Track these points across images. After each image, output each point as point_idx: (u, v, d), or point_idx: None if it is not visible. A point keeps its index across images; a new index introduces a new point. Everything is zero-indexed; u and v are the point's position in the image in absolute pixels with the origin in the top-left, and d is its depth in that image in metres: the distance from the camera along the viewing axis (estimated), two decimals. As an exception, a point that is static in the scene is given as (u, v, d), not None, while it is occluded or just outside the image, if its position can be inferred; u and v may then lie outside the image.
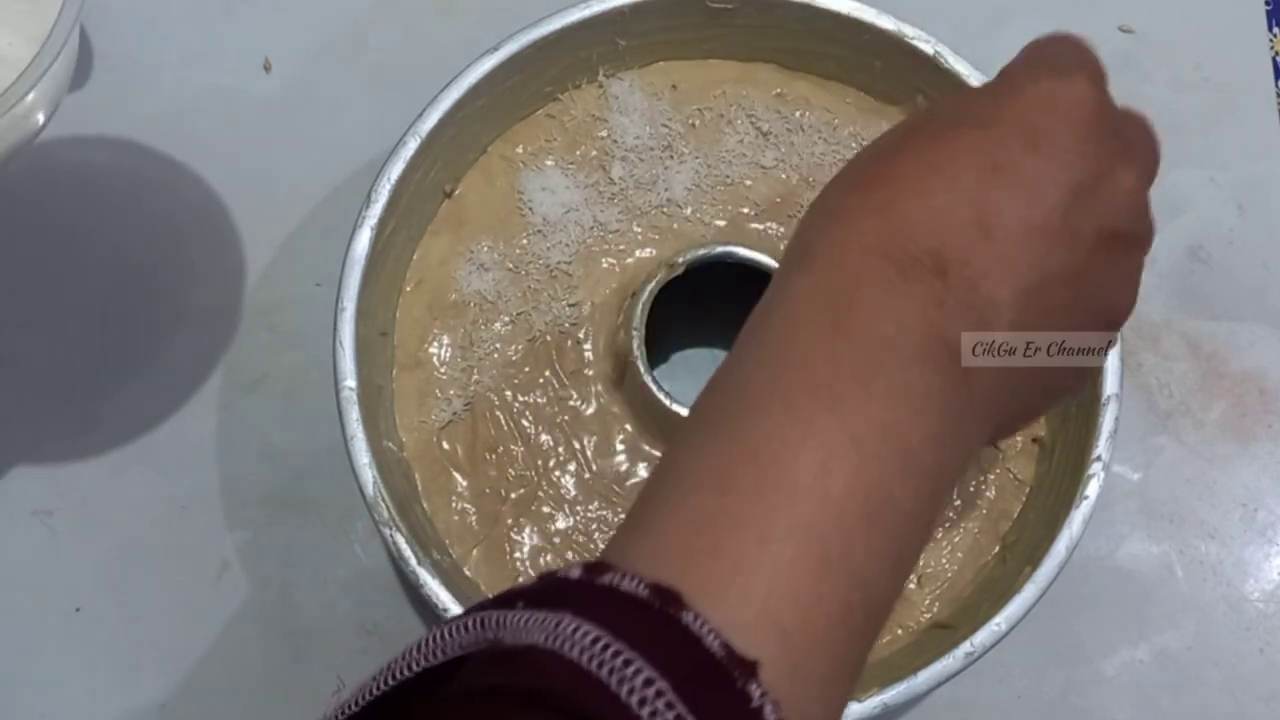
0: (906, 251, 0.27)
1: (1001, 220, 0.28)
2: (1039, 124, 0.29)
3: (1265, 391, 0.54)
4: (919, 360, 0.26)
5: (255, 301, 0.53)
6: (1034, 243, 0.28)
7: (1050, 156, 0.29)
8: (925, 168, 0.28)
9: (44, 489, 0.50)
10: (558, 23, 0.47)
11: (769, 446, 0.25)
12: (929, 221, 0.27)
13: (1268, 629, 0.51)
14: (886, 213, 0.28)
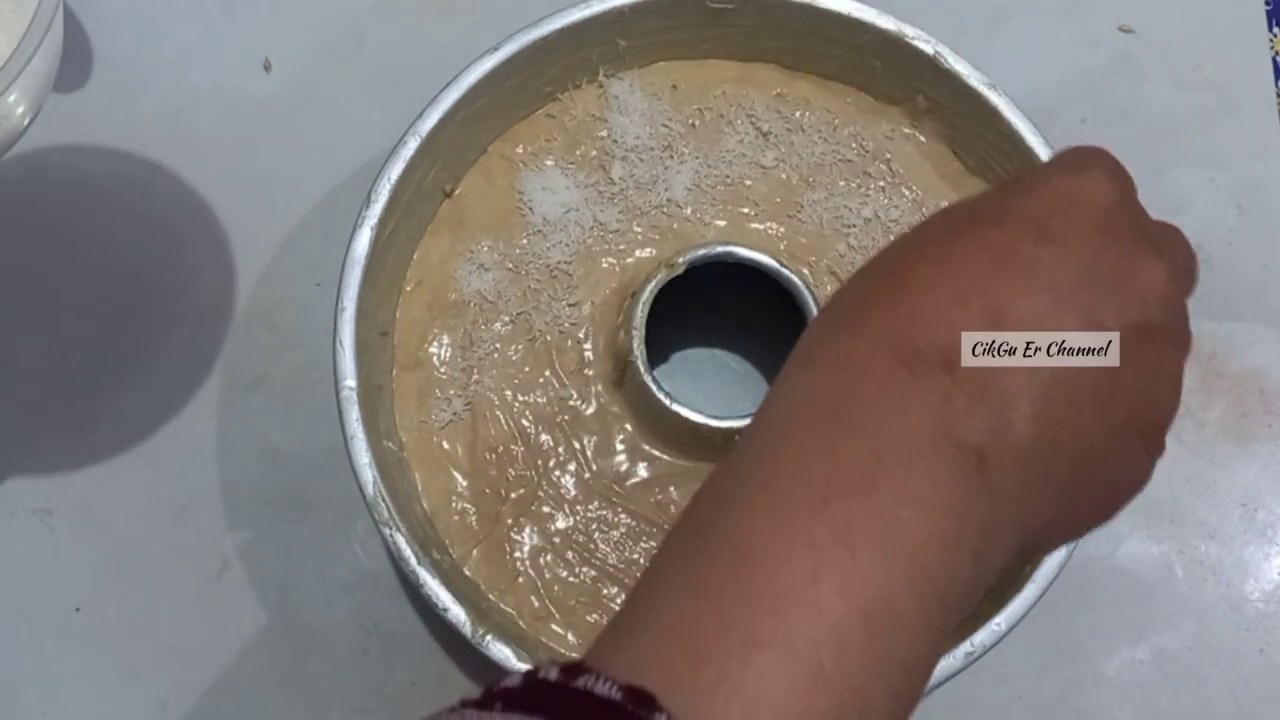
0: (912, 346, 0.26)
1: (1014, 311, 0.26)
2: (1053, 218, 0.28)
3: (1265, 391, 0.54)
4: (924, 457, 0.25)
5: (255, 301, 0.53)
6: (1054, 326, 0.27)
7: (1065, 248, 0.27)
8: (933, 264, 0.27)
9: (44, 489, 0.50)
10: (558, 23, 0.47)
11: (755, 548, 0.24)
12: (936, 316, 0.26)
13: (1268, 629, 0.51)
14: (893, 309, 0.27)
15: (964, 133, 0.49)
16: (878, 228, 0.49)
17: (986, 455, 0.25)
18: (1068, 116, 0.57)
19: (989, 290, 0.27)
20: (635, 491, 0.45)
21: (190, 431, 0.51)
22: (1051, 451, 0.27)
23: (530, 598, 0.44)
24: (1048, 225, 0.28)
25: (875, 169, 0.49)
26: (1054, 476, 0.27)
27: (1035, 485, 0.26)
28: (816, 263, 0.48)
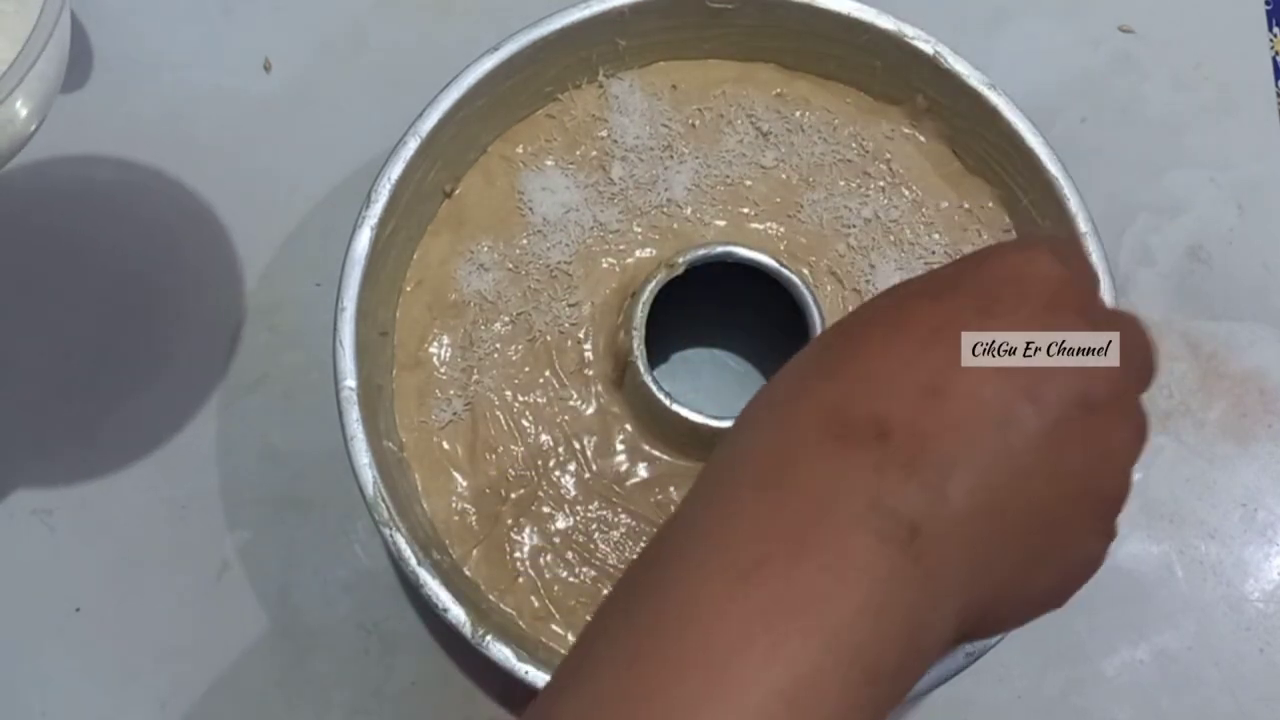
0: (847, 416, 0.26)
1: (953, 380, 0.26)
2: (996, 293, 0.28)
3: (1265, 391, 0.54)
4: (854, 529, 0.24)
5: (255, 301, 0.53)
6: (990, 403, 0.26)
7: (1005, 323, 0.27)
8: (875, 336, 0.28)
9: (44, 489, 0.50)
10: (558, 23, 0.47)
11: (680, 620, 0.24)
12: (873, 386, 0.26)
13: (1268, 629, 0.51)
14: (831, 379, 0.27)
15: (964, 133, 0.49)
16: (878, 228, 0.49)
17: (920, 528, 0.25)
18: (1068, 116, 0.57)
19: (926, 363, 0.26)
20: (635, 491, 0.45)
21: (190, 431, 0.51)
22: (992, 526, 0.26)
23: (530, 598, 0.44)
24: (991, 301, 0.28)
25: (875, 169, 0.49)
26: (996, 552, 0.26)
27: (974, 560, 0.26)
28: (816, 263, 0.48)
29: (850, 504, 0.25)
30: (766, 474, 0.26)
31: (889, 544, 0.24)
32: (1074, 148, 0.48)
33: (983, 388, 0.26)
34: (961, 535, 0.25)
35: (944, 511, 0.25)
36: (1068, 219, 0.46)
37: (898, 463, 0.25)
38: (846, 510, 0.25)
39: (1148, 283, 0.55)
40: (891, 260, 0.48)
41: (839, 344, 0.28)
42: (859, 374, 0.27)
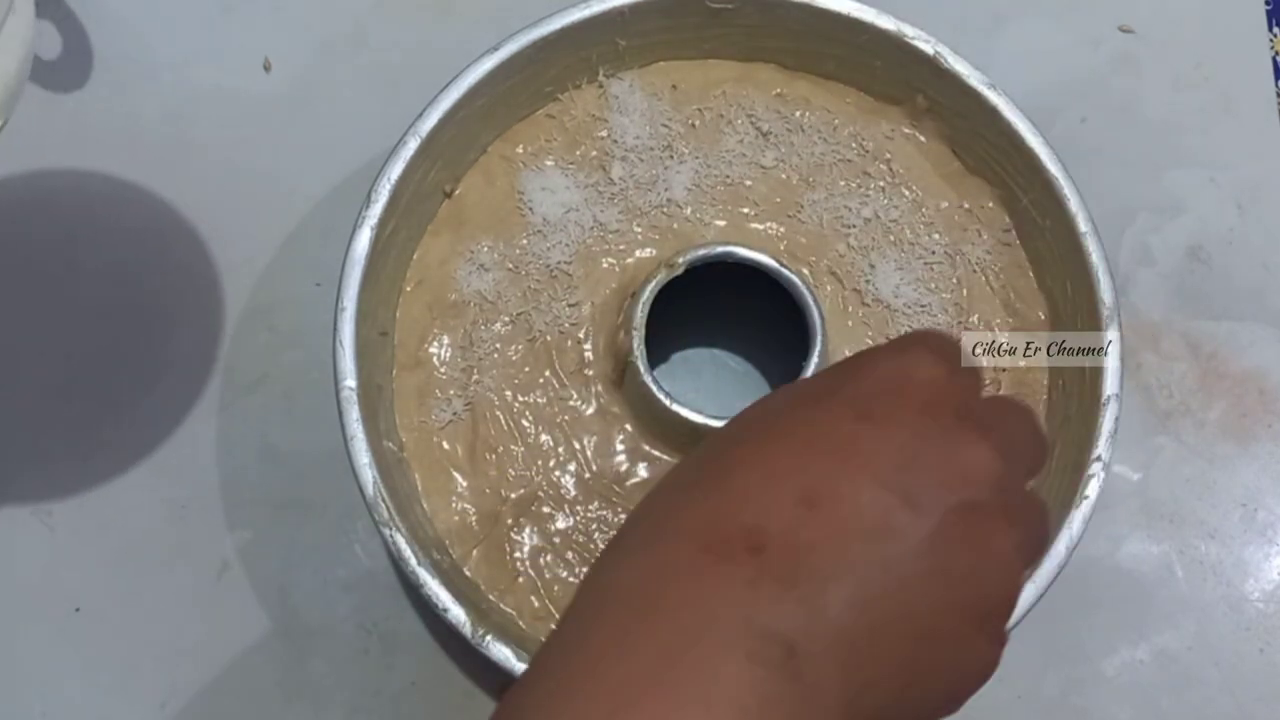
0: (720, 532, 0.25)
1: (829, 489, 0.26)
2: (873, 398, 0.27)
3: (1265, 391, 0.54)
4: (725, 652, 0.23)
5: (255, 301, 0.53)
6: (867, 512, 0.26)
7: (883, 427, 0.27)
8: (751, 446, 0.27)
9: (44, 489, 0.50)
10: (558, 23, 0.47)
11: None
12: (747, 499, 0.26)
13: (1268, 629, 0.51)
14: (705, 495, 0.26)
15: (964, 133, 0.49)
16: (878, 228, 0.49)
17: (796, 645, 0.24)
18: (1068, 116, 0.57)
19: (803, 471, 0.26)
20: (635, 491, 0.45)
21: (190, 431, 0.51)
22: (874, 638, 0.25)
23: (530, 598, 0.44)
24: (868, 406, 0.27)
25: (875, 169, 0.49)
26: (879, 664, 0.26)
27: (856, 674, 0.25)
28: (816, 263, 0.48)
29: (723, 627, 0.24)
30: (639, 599, 0.25)
31: (764, 666, 0.24)
32: (1074, 148, 0.48)
33: (860, 496, 0.26)
34: (841, 649, 0.25)
35: (822, 626, 0.24)
36: (1068, 219, 0.46)
37: (773, 576, 0.24)
38: (719, 634, 0.24)
39: (1148, 283, 0.55)
40: (891, 260, 0.48)
41: (713, 457, 0.27)
42: (733, 487, 0.26)
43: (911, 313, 0.48)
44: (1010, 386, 0.47)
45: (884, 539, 0.26)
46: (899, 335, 0.32)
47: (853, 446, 0.26)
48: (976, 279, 0.48)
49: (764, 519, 0.25)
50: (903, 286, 0.48)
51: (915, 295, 0.48)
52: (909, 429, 0.27)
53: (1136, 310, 0.55)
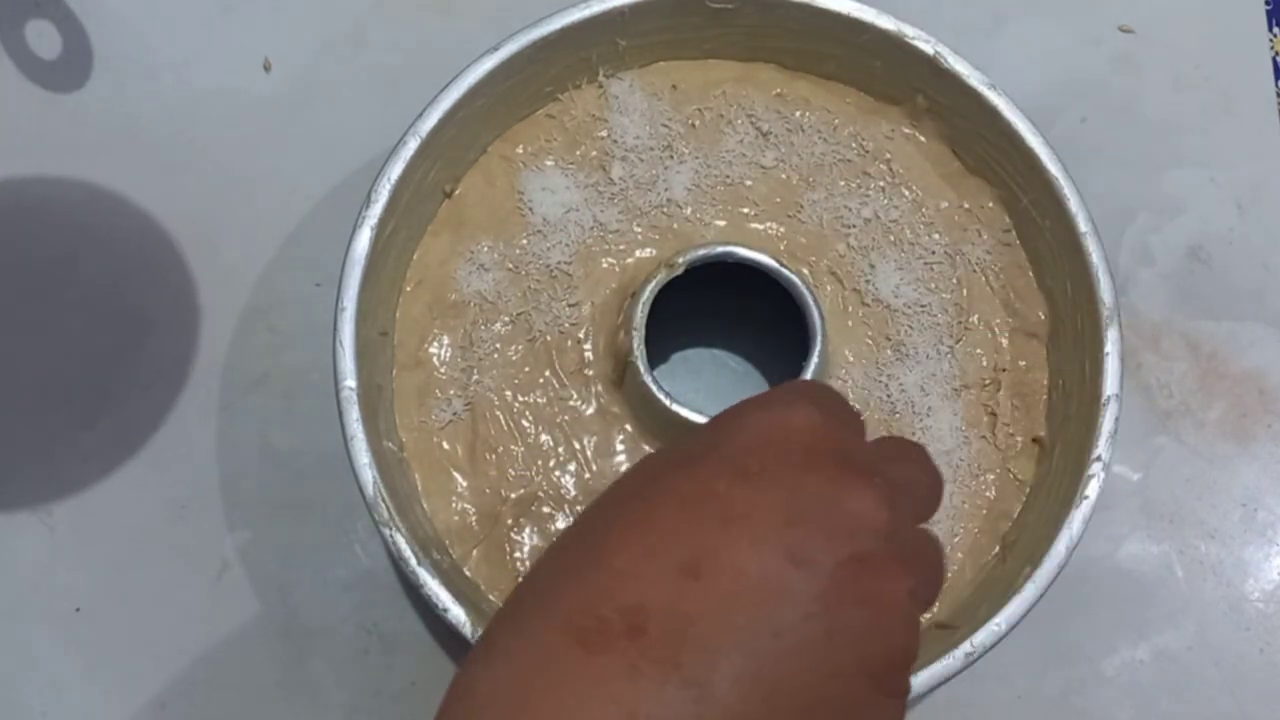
0: (595, 618, 0.24)
1: (711, 557, 0.24)
2: (749, 455, 0.26)
3: (1265, 391, 0.54)
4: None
5: (255, 301, 0.53)
6: (753, 577, 0.24)
7: (762, 485, 0.25)
8: (625, 519, 0.25)
9: (44, 489, 0.50)
10: (558, 23, 0.47)
11: None
12: (625, 575, 0.24)
13: (1268, 629, 0.51)
14: (578, 577, 0.25)
15: (964, 133, 0.49)
16: (878, 228, 0.49)
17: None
18: (1068, 116, 0.57)
19: (681, 540, 0.25)
20: (635, 491, 0.45)
21: (190, 431, 0.51)
22: (768, 711, 0.24)
23: (530, 598, 0.44)
24: (745, 462, 0.26)
25: (875, 169, 0.49)
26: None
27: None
28: (816, 263, 0.48)
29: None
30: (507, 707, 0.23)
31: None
32: (1074, 148, 0.48)
33: (745, 561, 0.24)
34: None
35: (711, 709, 0.23)
36: (1068, 219, 0.46)
37: (654, 660, 0.23)
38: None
39: (1148, 283, 0.55)
40: (891, 260, 0.48)
41: (589, 534, 0.26)
42: (610, 564, 0.25)
43: (911, 313, 0.48)
44: (1010, 386, 0.47)
45: (772, 604, 0.24)
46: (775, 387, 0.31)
47: (732, 507, 0.25)
48: (976, 279, 0.48)
49: (644, 595, 0.24)
50: (903, 286, 0.48)
51: (915, 295, 0.48)
52: (789, 483, 0.26)
53: (1136, 310, 0.55)
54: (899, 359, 0.47)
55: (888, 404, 0.47)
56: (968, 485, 0.46)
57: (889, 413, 0.47)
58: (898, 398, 0.47)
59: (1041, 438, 0.47)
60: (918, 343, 0.48)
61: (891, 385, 0.47)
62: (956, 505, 0.46)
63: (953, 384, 0.47)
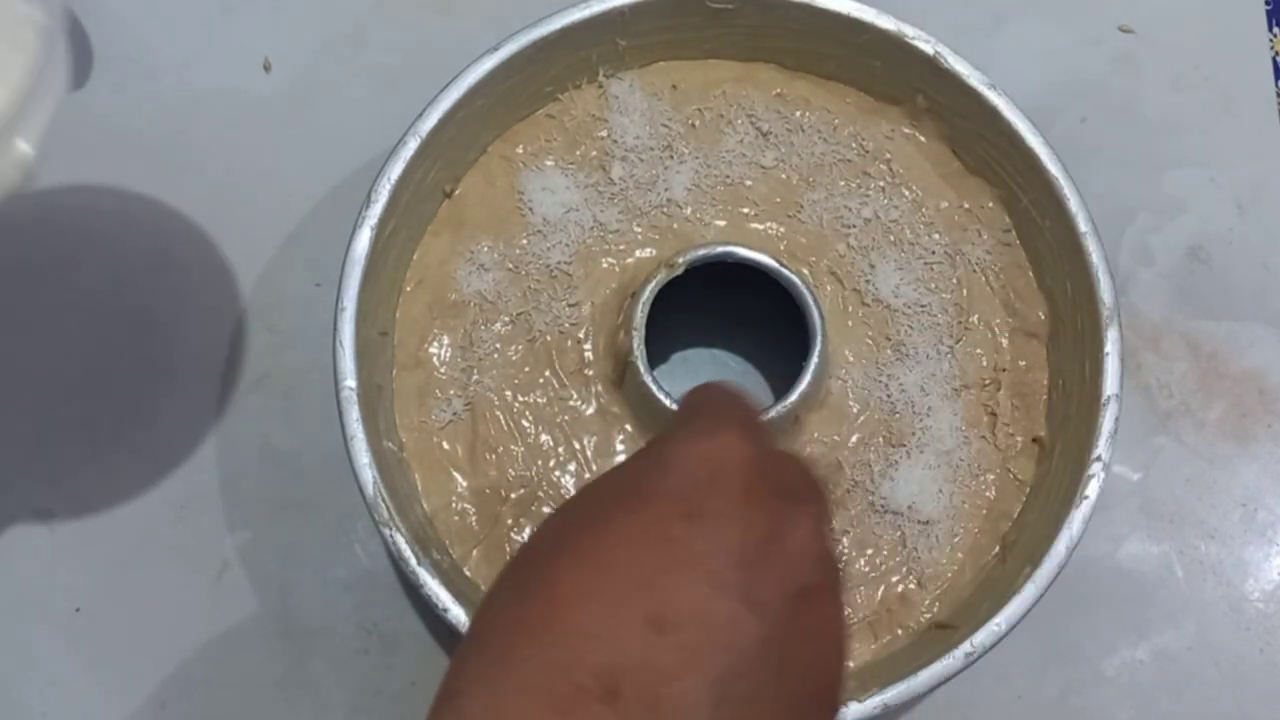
0: (570, 680, 0.23)
1: (674, 608, 0.25)
2: (698, 493, 0.27)
3: (1265, 391, 0.54)
4: None
5: (255, 301, 0.53)
6: (718, 623, 0.25)
7: (715, 525, 0.26)
8: (583, 564, 0.25)
9: (44, 489, 0.50)
10: (558, 23, 0.47)
11: None
12: (593, 634, 0.24)
13: (1268, 629, 0.51)
14: (544, 635, 0.24)
15: (964, 133, 0.49)
16: (878, 228, 0.49)
17: None
18: (1068, 116, 0.57)
19: (646, 588, 0.25)
20: (635, 491, 0.45)
21: (190, 431, 0.51)
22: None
23: (530, 598, 0.44)
24: (692, 502, 0.26)
25: (875, 169, 0.49)
26: None
27: None
28: (816, 263, 0.48)
29: None
30: None
31: None
32: (1074, 148, 0.48)
33: (708, 606, 0.25)
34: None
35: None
36: (1068, 219, 0.46)
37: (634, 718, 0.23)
38: None
39: (1148, 283, 0.55)
40: (891, 260, 0.48)
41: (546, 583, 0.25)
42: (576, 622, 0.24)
43: (911, 313, 0.48)
44: (1010, 386, 0.47)
45: (735, 651, 0.25)
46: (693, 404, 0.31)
47: (689, 551, 0.25)
48: (976, 279, 0.48)
49: (614, 655, 0.24)
50: (903, 286, 0.48)
51: (915, 295, 0.48)
52: (737, 521, 0.26)
53: (1136, 310, 0.55)
54: (899, 359, 0.47)
55: (888, 404, 0.47)
56: (968, 485, 0.46)
57: (889, 413, 0.47)
58: (898, 398, 0.47)
59: (1041, 438, 0.47)
60: (918, 343, 0.48)
61: (891, 385, 0.47)
62: (956, 505, 0.46)
63: (953, 384, 0.47)
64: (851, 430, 0.47)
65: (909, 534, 0.45)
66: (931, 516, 0.46)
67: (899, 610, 0.45)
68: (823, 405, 0.47)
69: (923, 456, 0.46)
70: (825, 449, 0.46)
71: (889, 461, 0.46)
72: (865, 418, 0.47)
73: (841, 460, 0.46)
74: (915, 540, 0.45)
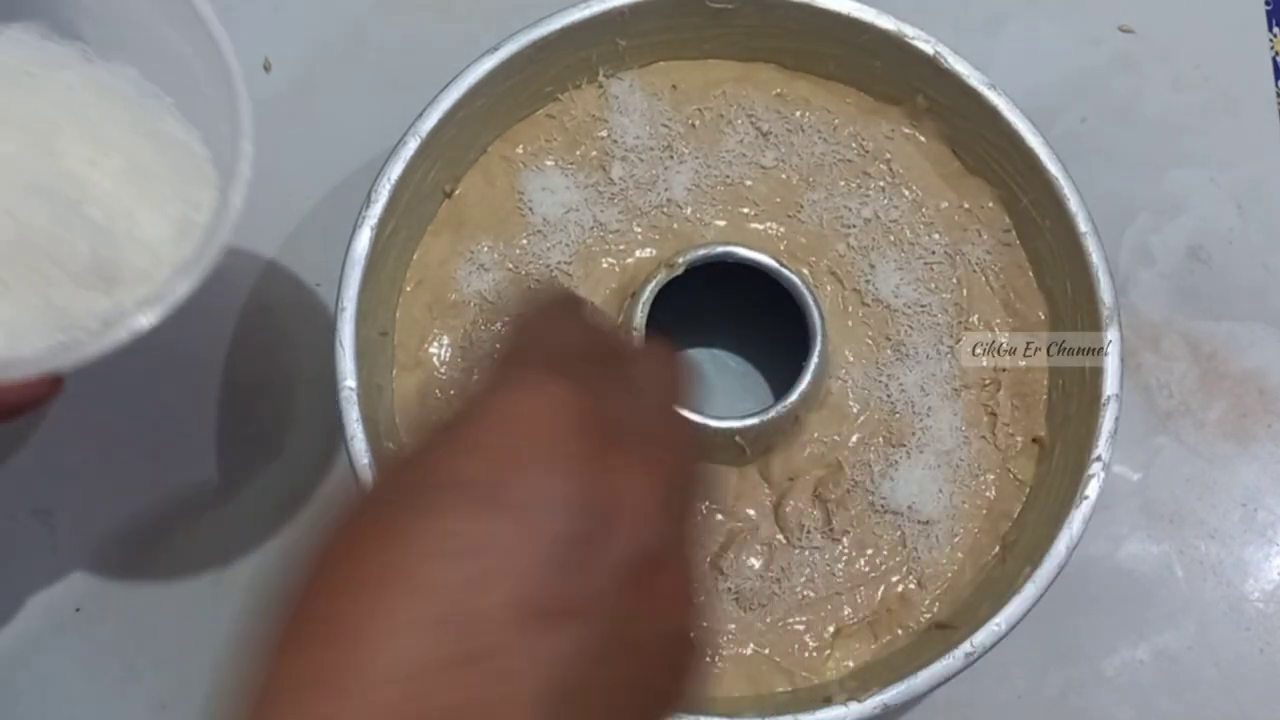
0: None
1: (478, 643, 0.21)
2: (501, 480, 0.22)
3: (1265, 391, 0.54)
4: None
5: (255, 301, 0.53)
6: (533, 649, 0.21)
7: (519, 526, 0.22)
8: (374, 592, 0.22)
9: (44, 489, 0.50)
10: (558, 23, 0.47)
11: None
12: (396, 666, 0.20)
13: (1268, 629, 0.51)
14: (335, 679, 0.21)
15: (964, 133, 0.49)
16: (878, 228, 0.49)
17: None
18: (1068, 116, 0.57)
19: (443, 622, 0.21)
20: (635, 491, 0.45)
21: (190, 431, 0.51)
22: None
23: (530, 598, 0.44)
24: (495, 490, 0.22)
25: (875, 169, 0.49)
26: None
27: None
28: (816, 263, 0.48)
29: None
30: None
31: None
32: (1074, 148, 0.48)
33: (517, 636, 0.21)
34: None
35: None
36: (1068, 219, 0.46)
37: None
38: None
39: (1148, 283, 0.55)
40: (891, 260, 0.48)
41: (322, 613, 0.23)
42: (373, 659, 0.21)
43: (911, 313, 0.48)
44: (1010, 386, 0.47)
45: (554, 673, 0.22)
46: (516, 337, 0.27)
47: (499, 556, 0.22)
48: (976, 279, 0.48)
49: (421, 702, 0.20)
50: (903, 286, 0.48)
51: (915, 295, 0.48)
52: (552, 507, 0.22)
53: (1136, 310, 0.55)
54: (899, 359, 0.47)
55: (888, 404, 0.47)
56: (968, 485, 0.46)
57: (889, 413, 0.47)
58: (898, 398, 0.47)
59: (1041, 438, 0.47)
60: (918, 343, 0.48)
61: (891, 385, 0.47)
62: (956, 505, 0.46)
63: (953, 384, 0.47)
64: (851, 430, 0.47)
65: (909, 534, 0.45)
66: (931, 516, 0.46)
67: (899, 610, 0.45)
68: (823, 405, 0.47)
69: (923, 456, 0.46)
70: (825, 449, 0.46)
71: (889, 461, 0.46)
72: (865, 418, 0.47)
73: (841, 460, 0.46)
74: (915, 540, 0.45)
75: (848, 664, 0.44)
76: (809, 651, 0.44)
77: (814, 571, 0.45)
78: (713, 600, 0.44)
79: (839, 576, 0.45)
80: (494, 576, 0.22)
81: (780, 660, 0.44)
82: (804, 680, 0.44)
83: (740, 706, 0.43)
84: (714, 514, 0.45)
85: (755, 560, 0.45)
